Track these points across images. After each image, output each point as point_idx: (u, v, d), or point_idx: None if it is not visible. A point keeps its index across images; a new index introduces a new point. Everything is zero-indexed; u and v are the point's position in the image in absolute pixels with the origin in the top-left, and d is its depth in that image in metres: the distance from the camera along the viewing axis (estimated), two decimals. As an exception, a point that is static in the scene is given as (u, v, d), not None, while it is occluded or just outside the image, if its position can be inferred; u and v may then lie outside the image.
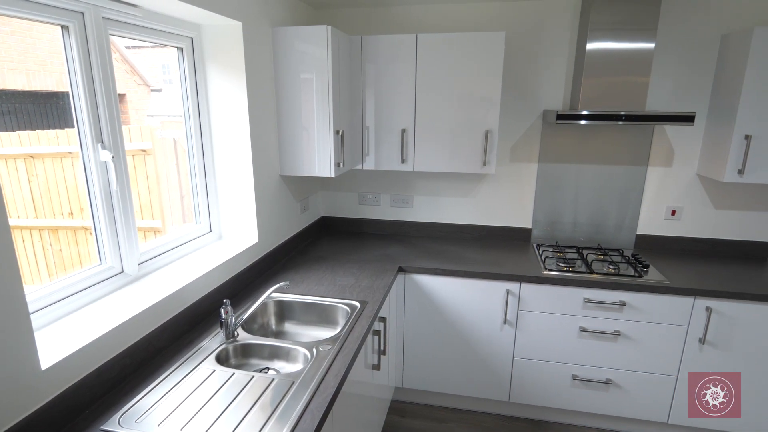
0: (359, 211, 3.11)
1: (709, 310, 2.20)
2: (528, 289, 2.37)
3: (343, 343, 1.67)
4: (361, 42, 2.43)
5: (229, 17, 1.89)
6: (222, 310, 1.67)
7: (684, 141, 2.59)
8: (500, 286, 2.39)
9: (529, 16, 2.57)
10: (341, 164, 2.38)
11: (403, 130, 2.51)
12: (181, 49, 1.95)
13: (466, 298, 2.44)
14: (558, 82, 2.62)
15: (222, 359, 1.62)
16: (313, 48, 2.19)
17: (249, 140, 2.11)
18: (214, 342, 1.67)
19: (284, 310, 2.08)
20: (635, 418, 2.48)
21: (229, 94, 2.07)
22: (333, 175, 2.33)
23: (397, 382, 2.69)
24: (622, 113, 2.21)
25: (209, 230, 2.23)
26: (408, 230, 3.06)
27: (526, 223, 2.89)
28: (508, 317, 2.43)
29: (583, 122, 2.27)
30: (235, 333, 1.72)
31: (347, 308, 1.97)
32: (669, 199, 2.68)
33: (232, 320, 1.69)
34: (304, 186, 2.83)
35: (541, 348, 2.44)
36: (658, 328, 2.28)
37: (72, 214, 1.75)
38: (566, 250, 2.71)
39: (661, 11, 2.39)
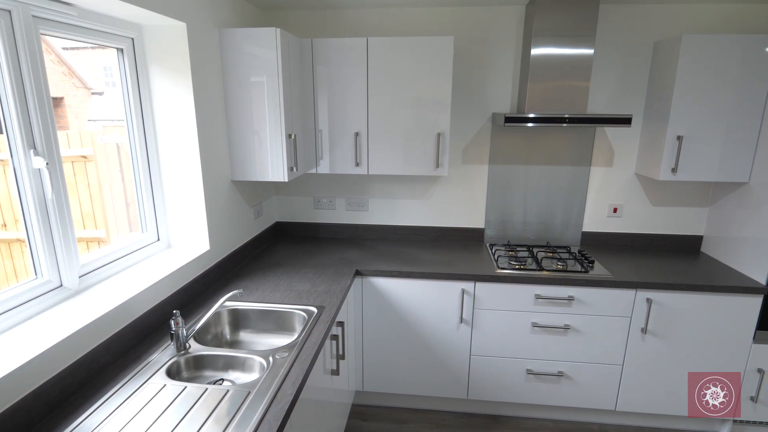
0: (315, 216, 3.08)
1: (649, 301, 2.33)
2: (482, 288, 2.42)
3: (301, 349, 1.65)
4: (312, 45, 2.41)
5: (172, 17, 1.83)
6: (172, 322, 1.60)
7: (623, 142, 2.74)
8: (456, 286, 2.43)
9: (478, 22, 2.64)
10: (294, 168, 2.35)
11: (357, 134, 2.51)
12: (122, 50, 1.86)
13: (423, 299, 2.47)
14: (505, 85, 2.71)
15: (173, 373, 1.55)
16: (262, 50, 2.15)
17: (197, 145, 2.05)
18: (164, 355, 1.60)
19: (239, 319, 2.02)
20: (586, 408, 2.59)
21: (174, 98, 1.99)
22: (286, 180, 2.30)
23: (357, 385, 2.68)
24: (566, 116, 2.31)
25: (157, 239, 2.14)
26: (364, 233, 3.06)
27: (479, 223, 2.96)
28: (464, 316, 2.47)
29: (530, 125, 2.35)
30: (187, 345, 1.66)
31: (304, 314, 1.95)
32: (611, 197, 2.83)
33: (183, 332, 1.63)
34: (258, 191, 2.77)
35: (497, 345, 2.50)
36: (604, 320, 2.39)
37: (5, 225, 1.63)
38: (517, 248, 2.80)
39: (598, 19, 2.52)
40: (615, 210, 2.84)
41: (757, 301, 2.28)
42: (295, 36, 2.34)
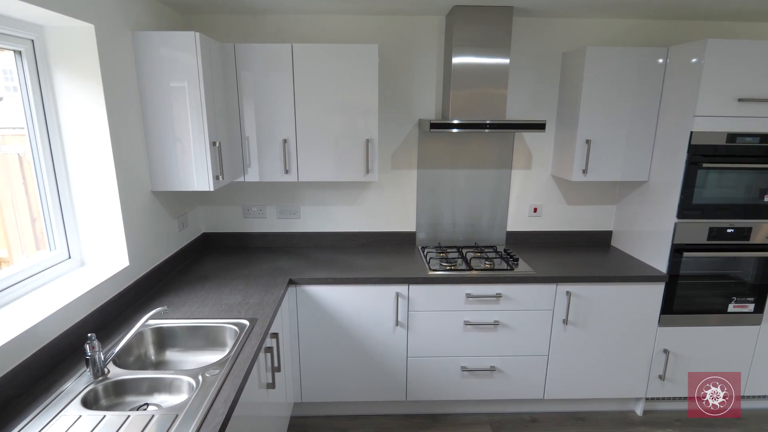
0: (244, 225, 2.99)
1: (568, 294, 2.50)
2: (416, 290, 2.47)
3: (232, 365, 1.59)
4: (235, 50, 2.35)
5: (78, 18, 1.70)
6: (87, 346, 1.48)
7: (539, 146, 2.92)
8: (390, 290, 2.46)
9: (401, 31, 2.71)
10: (220, 177, 2.27)
11: (285, 141, 2.47)
12: (20, 52, 1.70)
13: (358, 304, 2.48)
14: (430, 92, 2.80)
15: (90, 402, 1.43)
16: (181, 55, 2.06)
17: (111, 154, 1.91)
18: (79, 383, 1.48)
19: (164, 338, 1.91)
20: (517, 399, 2.71)
21: (83, 104, 1.85)
22: (212, 189, 2.21)
23: (295, 397, 2.62)
24: (487, 122, 2.43)
25: (68, 256, 1.97)
26: (297, 241, 3.01)
27: (410, 227, 3.02)
28: (399, 319, 2.51)
29: (454, 130, 2.44)
30: (105, 370, 1.54)
31: (236, 328, 1.88)
32: (531, 198, 3.01)
33: (100, 356, 1.51)
34: (182, 202, 2.64)
35: (432, 345, 2.56)
36: (529, 314, 2.53)
37: None
38: (448, 250, 2.89)
39: (513, 31, 2.68)
40: (535, 210, 3.02)
41: (659, 288, 2.52)
42: (216, 41, 2.27)
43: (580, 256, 2.83)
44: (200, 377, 1.51)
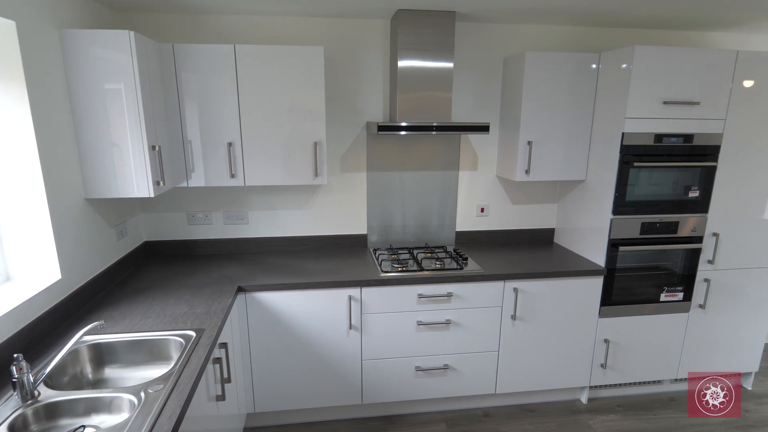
0: (189, 232, 2.88)
1: (516, 290, 2.58)
2: (368, 292, 2.47)
3: (178, 378, 1.52)
4: (173, 50, 2.26)
5: (-3, 15, 1.58)
6: (13, 368, 1.37)
7: (484, 148, 3.01)
8: (343, 293, 2.45)
9: (347, 33, 2.71)
10: (161, 182, 2.17)
11: (230, 144, 2.40)
12: (-72, 50, 1.56)
13: (311, 309, 2.44)
14: (377, 95, 2.81)
15: (18, 428, 1.33)
16: (115, 55, 1.96)
17: (37, 160, 1.78)
18: (5, 409, 1.36)
19: (103, 354, 1.80)
20: (470, 395, 2.77)
21: (5, 107, 1.72)
22: (153, 195, 2.11)
23: (248, 408, 2.55)
24: (434, 124, 2.47)
25: (-11, 272, 1.81)
26: (246, 247, 2.93)
27: (361, 229, 3.02)
28: (353, 322, 2.50)
29: (402, 133, 2.47)
30: (36, 392, 1.43)
31: (181, 340, 1.80)
32: (478, 198, 3.09)
33: (28, 378, 1.40)
34: (120, 209, 2.51)
35: (386, 346, 2.57)
36: (479, 311, 2.60)
37: None
38: (399, 251, 2.92)
39: (456, 36, 2.75)
40: (482, 210, 3.11)
41: (598, 282, 2.66)
42: (153, 40, 2.17)
43: (525, 253, 2.94)
44: (142, 394, 1.44)
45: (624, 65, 2.42)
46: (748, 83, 2.49)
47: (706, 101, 2.47)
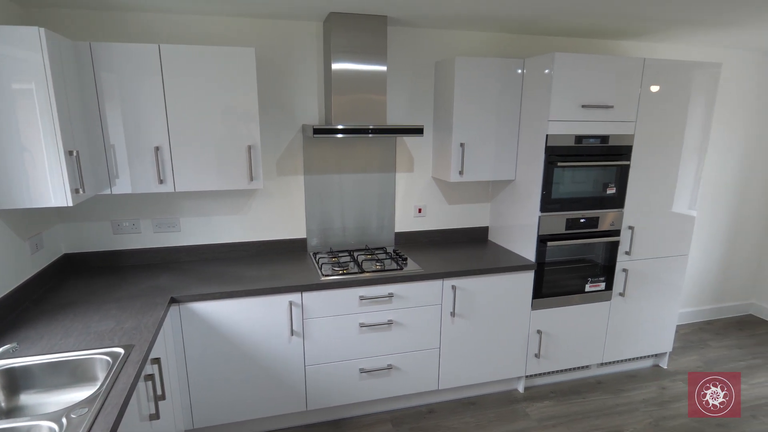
0: (115, 242, 2.70)
1: (454, 288, 2.66)
2: (309, 297, 2.45)
3: (105, 400, 1.42)
4: (91, 49, 2.11)
5: None
6: None
7: (419, 150, 3.08)
8: (283, 299, 2.41)
9: (280, 34, 2.67)
10: (81, 190, 2.02)
11: (157, 148, 2.29)
12: None
13: (250, 317, 2.38)
14: (312, 98, 2.80)
15: None
16: (25, 53, 1.80)
17: (-67, 169, 1.61)
18: None
19: (17, 379, 1.65)
20: (414, 393, 2.81)
21: None
22: (71, 204, 1.96)
23: (186, 424, 2.43)
24: (370, 127, 2.50)
25: None
26: (178, 256, 2.80)
27: (300, 233, 2.99)
28: (294, 328, 2.46)
29: (339, 135, 2.47)
30: (-65, 427, 1.28)
31: (108, 358, 1.69)
32: (415, 199, 3.15)
33: (-74, 412, 1.25)
34: (34, 220, 2.31)
35: (329, 351, 2.55)
36: (420, 310, 2.65)
37: None
38: (340, 254, 2.91)
39: (389, 39, 2.79)
40: (420, 210, 3.17)
41: (530, 276, 2.80)
42: (66, 38, 2.02)
43: (462, 251, 3.04)
44: (64, 420, 1.33)
45: (546, 71, 2.57)
46: (654, 88, 2.73)
47: (619, 105, 2.68)
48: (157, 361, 1.91)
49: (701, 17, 2.51)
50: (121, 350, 1.73)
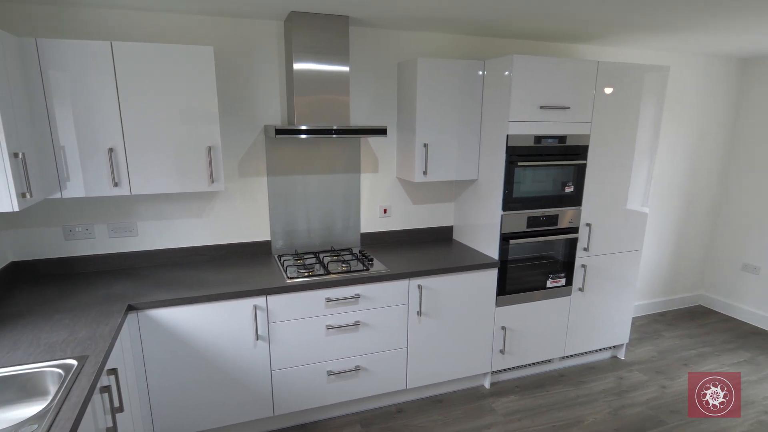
0: (67, 249, 2.58)
1: (420, 287, 2.68)
2: (274, 300, 2.41)
3: (57, 415, 1.36)
4: (37, 46, 2.01)
5: None
6: None
7: (384, 150, 3.08)
8: (247, 303, 2.36)
9: (240, 33, 2.62)
10: (28, 194, 1.92)
11: (111, 149, 2.20)
12: None
13: (213, 323, 2.32)
14: (274, 98, 2.76)
15: None
16: (-38, 50, 1.70)
17: None
18: None
19: (-42, 397, 1.55)
20: (383, 393, 2.81)
21: None
22: (17, 209, 1.85)
23: (144, 437, 2.35)
24: (334, 127, 2.48)
25: None
26: (135, 262, 2.70)
27: (264, 236, 2.94)
28: (259, 332, 2.42)
29: (302, 136, 2.44)
30: None
31: (60, 371, 1.61)
32: (380, 199, 3.16)
33: None
34: (-25, 228, 2.18)
35: (296, 354, 2.52)
36: (387, 310, 2.65)
37: None
38: (305, 256, 2.88)
39: (352, 40, 2.79)
40: (385, 211, 3.18)
41: (494, 274, 2.86)
42: (8, 33, 1.92)
43: (427, 251, 3.07)
44: (11, 436, 1.26)
45: (506, 72, 2.63)
46: (608, 90, 2.84)
47: (575, 106, 2.78)
48: (113, 371, 1.84)
49: (650, 22, 2.63)
50: (74, 362, 1.65)
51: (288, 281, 2.45)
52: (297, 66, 2.49)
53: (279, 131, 2.38)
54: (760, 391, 3.06)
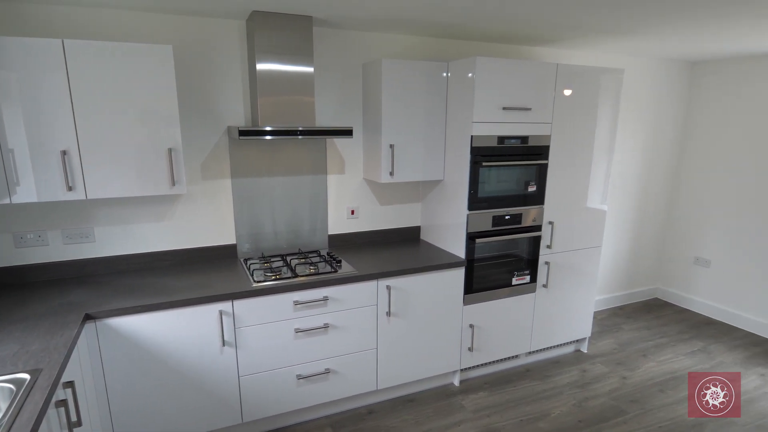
0: (18, 257, 2.45)
1: (389, 288, 2.69)
2: (241, 305, 2.36)
3: None
4: (-18, 44, 1.91)
5: None
6: None
7: (350, 151, 3.08)
8: (212, 309, 2.30)
9: (200, 33, 2.56)
10: (-27, 201, 1.82)
11: (64, 152, 2.10)
12: None
13: (177, 330, 2.25)
14: (237, 99, 2.71)
15: None
16: None
17: None
18: None
19: None
20: (353, 395, 2.80)
21: None
22: (-39, 217, 1.76)
23: (105, 451, 2.26)
24: (299, 128, 2.46)
25: None
26: (93, 269, 2.59)
27: (229, 239, 2.88)
28: (226, 338, 2.36)
29: (267, 137, 2.41)
30: None
31: (10, 386, 1.53)
32: (347, 201, 3.15)
33: None
34: None
35: (264, 359, 2.48)
36: (356, 312, 2.65)
37: None
38: (272, 259, 2.84)
39: (316, 40, 2.77)
40: (352, 212, 3.18)
41: (461, 272, 2.89)
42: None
43: (395, 251, 3.08)
44: (-43, 457, 1.19)
45: (469, 74, 2.67)
46: (567, 92, 2.93)
47: (536, 107, 2.85)
48: (70, 384, 1.76)
49: (602, 25, 2.73)
50: (26, 376, 1.57)
51: (254, 285, 2.41)
52: (260, 66, 2.46)
53: (243, 132, 2.34)
54: (712, 378, 3.23)
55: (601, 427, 2.73)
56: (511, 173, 2.92)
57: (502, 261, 3.05)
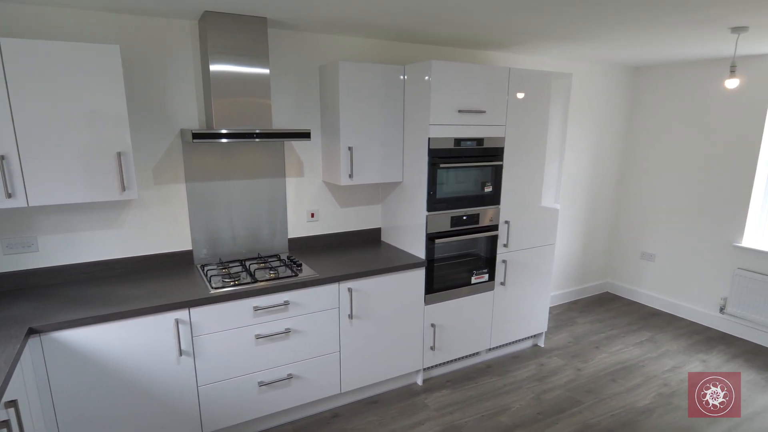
0: (-50, 271, 2.29)
1: (350, 290, 2.69)
2: (198, 312, 2.30)
3: (-59, 456, 1.20)
4: None
5: None
6: None
7: (309, 154, 3.06)
8: (168, 318, 2.23)
9: (150, 32, 2.48)
10: None
11: (2, 157, 1.98)
12: None
13: (130, 341, 2.16)
14: (190, 101, 2.64)
15: None
16: None
17: None
18: None
19: None
20: (317, 399, 2.78)
21: None
22: None
23: (52, 473, 2.13)
24: (256, 131, 2.42)
25: None
26: (37, 280, 2.45)
27: (185, 245, 2.79)
28: (183, 348, 2.29)
29: (223, 140, 2.36)
30: None
31: (-56, 407, 1.42)
32: (307, 204, 3.13)
33: None
34: None
35: (225, 367, 2.42)
36: (317, 316, 2.63)
37: None
38: (230, 264, 2.78)
39: (272, 42, 2.75)
40: (312, 215, 3.16)
41: (421, 273, 2.93)
42: None
43: (356, 253, 3.08)
44: None
45: (426, 77, 2.72)
46: (519, 95, 3.03)
47: (491, 110, 2.93)
48: (13, 403, 1.65)
49: (549, 31, 2.83)
50: (-38, 396, 1.47)
51: (212, 292, 2.35)
52: (213, 67, 2.40)
53: (196, 135, 2.28)
54: (659, 366, 3.41)
55: (559, 418, 2.83)
56: (468, 174, 2.99)
57: (461, 260, 3.11)
